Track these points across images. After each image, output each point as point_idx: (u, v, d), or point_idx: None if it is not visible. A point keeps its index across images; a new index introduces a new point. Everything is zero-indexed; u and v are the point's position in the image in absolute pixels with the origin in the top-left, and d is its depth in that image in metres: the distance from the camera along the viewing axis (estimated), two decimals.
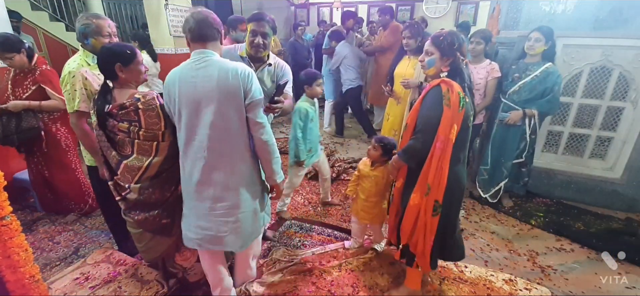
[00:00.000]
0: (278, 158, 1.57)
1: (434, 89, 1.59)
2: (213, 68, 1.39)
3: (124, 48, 1.58)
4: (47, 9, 5.28)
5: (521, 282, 2.03)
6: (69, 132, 2.57)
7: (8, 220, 1.17)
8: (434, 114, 1.54)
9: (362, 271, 2.09)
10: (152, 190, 1.60)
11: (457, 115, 1.51)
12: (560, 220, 2.66)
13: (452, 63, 1.58)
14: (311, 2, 7.73)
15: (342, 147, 4.23)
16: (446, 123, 1.51)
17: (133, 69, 1.58)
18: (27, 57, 2.35)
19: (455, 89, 1.51)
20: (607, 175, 2.86)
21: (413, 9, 6.91)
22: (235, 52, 2.01)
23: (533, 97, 2.52)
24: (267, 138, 1.49)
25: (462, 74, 1.58)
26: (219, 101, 1.38)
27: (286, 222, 2.65)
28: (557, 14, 2.75)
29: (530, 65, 2.53)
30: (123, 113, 1.53)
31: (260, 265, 2.13)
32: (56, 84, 2.40)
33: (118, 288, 1.97)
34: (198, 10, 1.45)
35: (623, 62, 2.59)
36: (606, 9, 2.56)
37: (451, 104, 1.50)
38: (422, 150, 1.60)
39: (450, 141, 1.52)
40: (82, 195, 2.71)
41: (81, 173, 2.69)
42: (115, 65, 1.54)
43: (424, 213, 1.63)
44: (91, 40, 1.85)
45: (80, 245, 2.38)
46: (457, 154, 1.59)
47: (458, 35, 1.61)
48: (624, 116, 2.72)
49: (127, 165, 1.56)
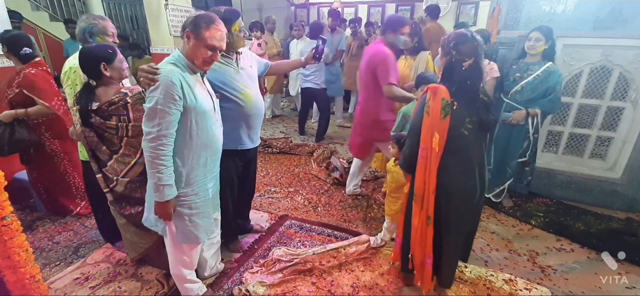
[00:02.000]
0: (154, 172, 1.40)
1: (424, 94, 1.52)
2: None
3: (106, 48, 1.71)
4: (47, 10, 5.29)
5: (521, 282, 2.03)
6: (55, 138, 2.52)
7: (8, 220, 1.17)
8: (417, 121, 1.51)
9: (362, 271, 2.09)
10: (139, 186, 1.70)
11: (438, 123, 1.42)
12: (560, 220, 2.66)
13: (447, 61, 1.49)
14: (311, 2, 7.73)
15: (342, 147, 4.23)
16: (425, 131, 1.46)
17: (116, 66, 1.72)
18: (19, 59, 2.32)
19: (438, 96, 1.42)
20: (607, 175, 2.86)
21: (413, 9, 6.91)
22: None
23: (535, 97, 2.52)
24: (143, 144, 1.42)
25: (455, 74, 1.45)
26: None
27: (286, 221, 2.65)
28: (557, 14, 2.74)
29: (531, 65, 2.53)
30: (113, 108, 1.65)
31: (260, 265, 2.13)
32: (40, 87, 2.32)
33: (118, 288, 1.97)
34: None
35: (623, 62, 2.59)
36: (606, 9, 2.56)
37: (430, 112, 1.43)
38: (410, 156, 1.57)
39: (433, 150, 1.45)
40: (73, 198, 2.70)
41: (74, 177, 2.66)
42: (100, 65, 1.65)
43: (418, 222, 1.58)
44: (96, 39, 1.96)
45: (80, 245, 2.38)
46: (451, 162, 1.48)
47: (463, 33, 1.48)
48: (624, 116, 2.72)
49: (116, 160, 1.69)
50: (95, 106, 1.65)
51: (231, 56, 1.87)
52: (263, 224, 2.59)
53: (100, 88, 1.69)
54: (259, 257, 2.23)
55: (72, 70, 1.92)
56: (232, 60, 1.88)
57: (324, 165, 3.57)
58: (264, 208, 2.86)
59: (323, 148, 4.02)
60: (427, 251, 1.62)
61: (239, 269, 2.13)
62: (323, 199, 3.01)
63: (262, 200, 2.99)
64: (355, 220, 2.69)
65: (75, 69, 1.91)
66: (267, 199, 3.02)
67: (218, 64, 1.81)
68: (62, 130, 2.48)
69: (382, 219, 2.69)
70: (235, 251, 2.27)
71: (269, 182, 3.34)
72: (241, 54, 1.93)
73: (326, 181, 3.33)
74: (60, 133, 2.50)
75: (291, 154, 4.05)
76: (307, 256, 2.17)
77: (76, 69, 1.90)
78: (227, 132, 1.75)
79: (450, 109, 1.42)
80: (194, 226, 1.60)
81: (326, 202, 2.96)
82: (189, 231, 1.59)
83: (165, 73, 1.37)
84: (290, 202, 2.96)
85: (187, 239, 1.61)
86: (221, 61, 1.82)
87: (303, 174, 3.52)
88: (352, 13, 7.36)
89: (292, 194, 3.10)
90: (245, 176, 2.19)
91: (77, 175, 2.66)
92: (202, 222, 1.63)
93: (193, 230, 1.60)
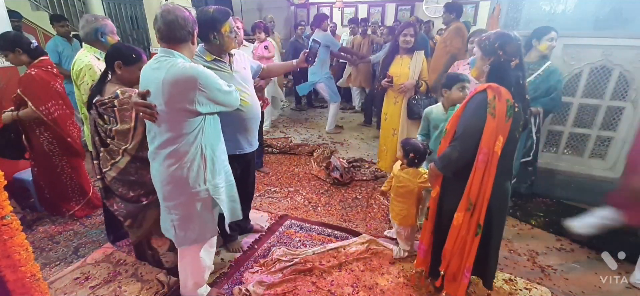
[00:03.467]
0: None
1: (478, 95, 1.45)
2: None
3: (131, 50, 1.76)
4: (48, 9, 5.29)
5: (521, 282, 2.03)
6: (53, 138, 2.49)
7: (8, 219, 1.17)
8: (476, 123, 1.41)
9: (362, 271, 2.09)
10: (122, 185, 1.78)
11: (503, 125, 1.37)
12: (561, 220, 2.66)
13: (493, 62, 1.44)
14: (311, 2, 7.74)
15: (342, 147, 4.23)
16: (490, 134, 1.38)
17: (132, 70, 1.73)
18: (29, 56, 2.32)
19: (503, 96, 1.37)
20: (608, 174, 2.86)
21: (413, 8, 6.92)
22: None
23: (537, 96, 2.52)
24: None
25: (507, 75, 1.42)
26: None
27: (286, 221, 2.65)
28: (557, 14, 2.75)
29: (531, 64, 2.53)
30: (103, 108, 1.70)
31: (260, 265, 2.13)
32: (33, 91, 2.30)
33: (118, 288, 1.97)
34: (168, 9, 1.40)
35: (623, 62, 2.59)
36: (606, 9, 2.56)
37: (496, 113, 1.36)
38: (458, 160, 1.48)
39: (495, 154, 1.39)
40: (69, 200, 2.69)
41: (71, 178, 2.65)
42: (115, 62, 1.71)
43: (466, 232, 1.50)
44: (107, 38, 2.07)
45: (80, 245, 2.38)
46: (504, 168, 1.46)
47: (505, 33, 1.45)
48: (624, 116, 2.72)
49: (106, 150, 1.76)
50: (95, 99, 1.72)
51: (223, 60, 1.82)
52: (263, 224, 2.59)
53: (109, 83, 1.75)
54: (259, 257, 2.23)
55: (88, 67, 1.96)
56: (225, 64, 1.82)
57: (324, 165, 3.57)
58: (264, 208, 2.85)
59: (323, 148, 4.03)
60: (469, 262, 1.54)
61: (239, 269, 2.13)
62: (323, 199, 3.01)
63: (262, 200, 2.99)
64: (355, 220, 2.69)
65: (90, 66, 1.96)
66: (267, 199, 3.02)
67: (209, 67, 1.76)
68: (59, 134, 2.47)
69: (382, 219, 2.69)
70: (235, 251, 2.27)
71: (269, 182, 3.34)
72: (234, 57, 1.88)
73: (326, 181, 3.33)
74: (58, 135, 2.48)
75: (291, 154, 4.05)
76: (307, 256, 2.17)
77: (92, 66, 1.96)
78: (226, 138, 1.72)
79: (513, 111, 1.39)
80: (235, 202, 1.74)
81: (326, 202, 2.96)
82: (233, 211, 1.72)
83: (190, 65, 1.40)
84: (290, 202, 2.96)
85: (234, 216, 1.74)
86: (214, 67, 1.76)
87: (303, 174, 3.52)
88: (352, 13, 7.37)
89: (292, 194, 3.10)
90: (245, 178, 2.19)
91: (75, 176, 2.66)
92: (236, 204, 1.75)
93: (236, 207, 1.74)
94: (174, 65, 1.35)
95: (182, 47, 1.44)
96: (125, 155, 1.71)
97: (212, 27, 1.70)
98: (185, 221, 1.57)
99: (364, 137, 4.65)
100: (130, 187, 1.77)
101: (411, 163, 2.04)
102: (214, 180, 1.55)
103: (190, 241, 1.63)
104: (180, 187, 1.50)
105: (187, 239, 1.62)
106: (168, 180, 1.49)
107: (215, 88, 1.43)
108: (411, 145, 2.04)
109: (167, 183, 1.50)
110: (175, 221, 1.57)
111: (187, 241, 1.62)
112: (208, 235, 1.68)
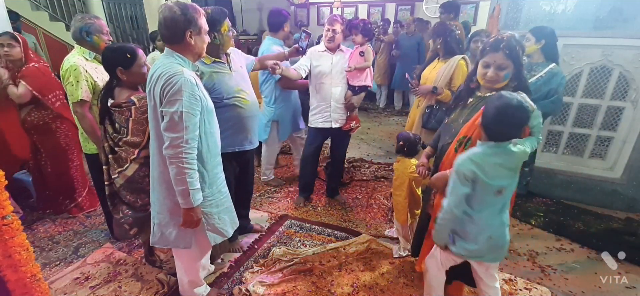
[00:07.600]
0: (182, 178, 1.37)
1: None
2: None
3: (125, 51, 1.64)
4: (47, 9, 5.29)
5: (521, 282, 2.03)
6: (68, 130, 2.55)
7: (9, 219, 1.17)
8: None
9: (362, 271, 2.09)
10: (130, 193, 1.72)
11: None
12: (560, 220, 2.66)
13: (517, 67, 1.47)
14: (311, 2, 7.73)
15: None
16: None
17: (134, 71, 1.67)
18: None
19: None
20: (607, 175, 2.86)
21: (413, 8, 6.92)
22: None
23: (537, 98, 2.50)
24: (167, 152, 1.37)
25: (525, 80, 1.51)
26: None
27: (286, 221, 2.65)
28: (557, 14, 2.74)
29: (535, 65, 2.51)
30: (118, 112, 1.65)
31: (260, 265, 2.13)
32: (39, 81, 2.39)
33: (118, 288, 1.97)
34: (162, 9, 1.37)
35: (623, 62, 2.59)
36: (606, 9, 2.56)
37: None
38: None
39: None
40: (73, 191, 2.71)
41: (69, 177, 2.67)
42: (116, 69, 1.64)
43: None
44: (93, 37, 2.02)
45: (80, 245, 2.38)
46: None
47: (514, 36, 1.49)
48: (624, 116, 2.72)
49: (114, 158, 1.70)
50: (110, 103, 1.68)
51: (222, 60, 1.83)
52: (263, 224, 2.59)
53: (117, 88, 1.71)
54: (259, 257, 2.23)
55: (74, 68, 1.94)
56: (224, 64, 1.84)
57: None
58: (264, 208, 2.86)
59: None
60: None
61: (239, 269, 2.13)
62: (323, 199, 3.01)
63: (262, 200, 2.99)
64: (355, 220, 2.69)
65: (76, 67, 1.93)
66: (267, 199, 3.02)
67: (210, 70, 1.79)
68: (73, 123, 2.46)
69: (382, 219, 2.69)
70: (235, 251, 2.27)
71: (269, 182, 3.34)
72: (230, 55, 1.90)
73: (326, 181, 3.32)
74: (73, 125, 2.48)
75: (291, 154, 4.04)
76: (307, 256, 2.17)
77: (77, 67, 1.93)
78: (226, 136, 1.72)
79: None
80: (223, 222, 1.62)
81: (326, 202, 2.96)
82: (218, 229, 1.60)
83: (180, 74, 1.32)
84: (290, 202, 2.96)
85: (218, 236, 1.62)
86: (214, 68, 1.78)
87: None
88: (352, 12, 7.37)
89: (292, 194, 3.10)
90: (244, 177, 2.19)
91: (81, 167, 2.69)
92: (228, 216, 1.65)
93: (222, 226, 1.62)
94: (162, 75, 1.33)
95: (181, 48, 1.42)
96: (132, 163, 1.67)
97: (212, 27, 1.70)
98: (165, 224, 1.55)
99: (364, 137, 4.65)
100: (138, 194, 1.73)
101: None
102: (205, 191, 1.50)
103: (167, 244, 1.60)
104: (166, 189, 1.50)
105: (162, 240, 1.58)
106: (158, 179, 1.51)
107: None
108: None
109: (156, 180, 1.52)
110: (154, 218, 1.58)
111: (162, 242, 1.59)
112: (183, 244, 1.59)
